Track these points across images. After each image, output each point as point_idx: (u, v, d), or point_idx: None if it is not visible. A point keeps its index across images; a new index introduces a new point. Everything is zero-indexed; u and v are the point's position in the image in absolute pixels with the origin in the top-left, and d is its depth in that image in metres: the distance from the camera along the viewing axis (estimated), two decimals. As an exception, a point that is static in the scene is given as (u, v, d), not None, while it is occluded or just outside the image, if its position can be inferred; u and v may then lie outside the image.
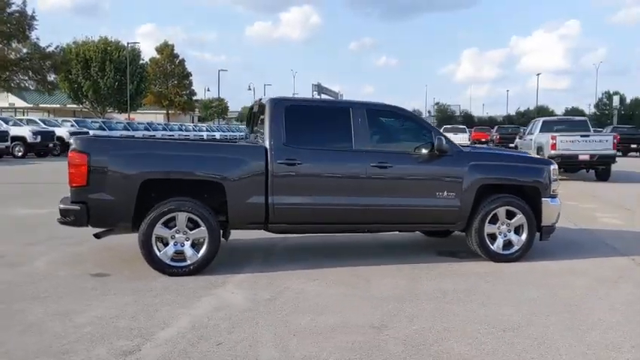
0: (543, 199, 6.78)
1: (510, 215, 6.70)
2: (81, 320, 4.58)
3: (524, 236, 6.73)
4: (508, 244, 6.74)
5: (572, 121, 19.95)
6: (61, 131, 27.43)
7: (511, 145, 27.09)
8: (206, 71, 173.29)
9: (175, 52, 62.43)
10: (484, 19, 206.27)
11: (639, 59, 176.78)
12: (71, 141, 5.82)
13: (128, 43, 51.33)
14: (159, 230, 5.82)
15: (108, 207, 5.77)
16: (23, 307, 4.89)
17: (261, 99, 6.85)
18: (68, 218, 5.76)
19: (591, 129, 19.53)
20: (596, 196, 13.88)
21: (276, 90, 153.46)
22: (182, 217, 5.85)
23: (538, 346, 4.18)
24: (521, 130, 25.32)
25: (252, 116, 7.29)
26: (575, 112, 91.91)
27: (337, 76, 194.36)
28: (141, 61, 54.45)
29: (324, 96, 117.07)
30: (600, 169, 17.42)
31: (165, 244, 5.88)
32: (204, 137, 38.55)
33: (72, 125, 30.89)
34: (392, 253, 7.11)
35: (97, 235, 6.27)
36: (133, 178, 5.74)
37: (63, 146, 25.32)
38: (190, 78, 63.68)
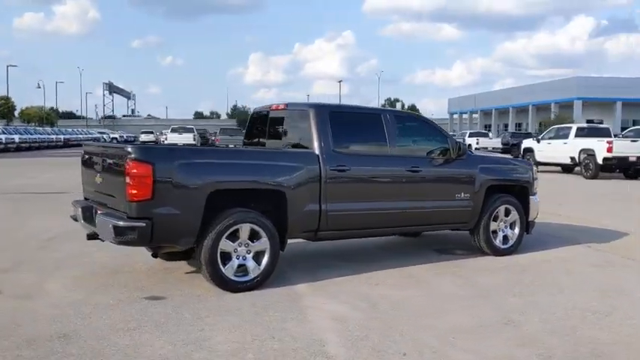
0: (530, 196, 7.59)
1: (507, 213, 7.39)
2: (225, 347, 4.18)
3: (516, 231, 7.48)
4: (504, 239, 7.42)
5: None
6: None
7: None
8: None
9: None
10: (269, 24, 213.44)
11: (407, 70, 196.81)
12: (128, 149, 5.15)
13: None
14: (224, 244, 5.44)
15: (174, 222, 5.23)
16: (127, 341, 4.27)
17: (287, 104, 6.65)
18: (129, 237, 5.09)
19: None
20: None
21: (66, 88, 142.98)
22: (246, 229, 5.53)
23: (649, 324, 4.82)
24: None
25: (266, 122, 7.01)
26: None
27: (125, 74, 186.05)
28: None
29: (116, 96, 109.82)
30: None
31: (226, 259, 5.50)
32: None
33: None
34: (400, 254, 7.37)
35: (156, 254, 5.63)
36: (201, 189, 5.28)
37: None
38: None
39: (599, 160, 20.11)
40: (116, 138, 67.93)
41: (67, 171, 20.93)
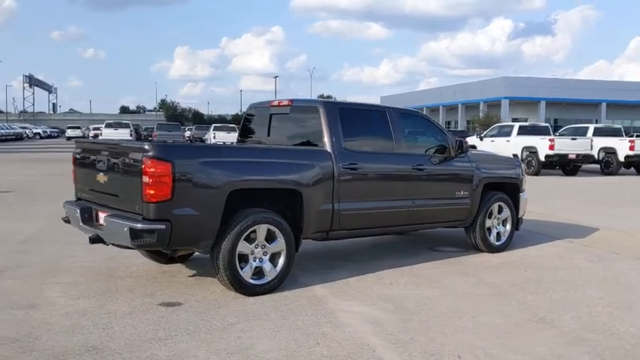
0: (520, 194, 7.71)
1: (500, 210, 7.47)
2: (273, 355, 3.97)
3: (508, 227, 7.58)
4: (497, 236, 7.50)
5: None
6: None
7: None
8: None
9: None
10: (195, 18, 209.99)
11: (336, 67, 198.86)
12: (146, 147, 4.81)
13: None
14: (242, 246, 5.20)
15: (193, 223, 4.94)
16: (165, 352, 3.98)
17: (293, 100, 6.43)
18: (147, 240, 4.76)
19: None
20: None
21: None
22: (263, 230, 5.31)
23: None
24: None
25: (267, 119, 6.74)
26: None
27: (46, 66, 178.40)
28: None
29: (37, 89, 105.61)
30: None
31: (241, 262, 5.26)
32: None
33: None
34: (396, 252, 7.31)
35: (173, 258, 5.31)
36: (221, 189, 5.01)
37: None
38: None
39: (542, 157, 20.87)
40: (39, 133, 65.04)
41: (1, 169, 19.78)
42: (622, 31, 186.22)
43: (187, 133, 46.06)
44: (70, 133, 58.89)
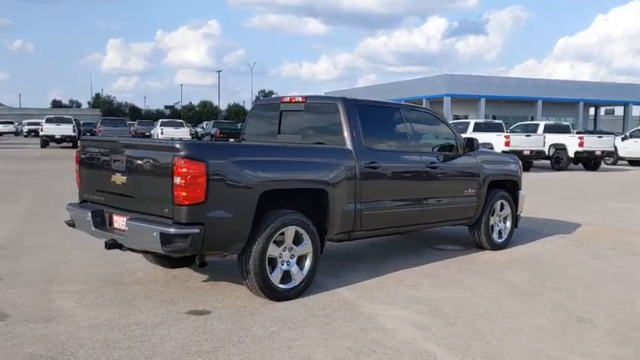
0: (519, 191, 7.76)
1: (502, 207, 7.49)
2: (335, 366, 3.77)
3: (508, 224, 7.61)
4: (499, 234, 7.51)
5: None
6: None
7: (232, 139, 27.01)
8: None
9: None
10: (128, 10, 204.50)
11: (275, 62, 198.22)
12: (177, 145, 4.49)
13: None
14: (271, 250, 4.96)
15: (226, 226, 4.66)
16: None
17: (307, 97, 6.19)
18: (179, 245, 4.44)
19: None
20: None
21: None
22: (291, 232, 5.09)
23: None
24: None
25: (276, 116, 6.46)
26: (237, 107, 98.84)
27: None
28: None
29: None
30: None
31: (270, 265, 5.02)
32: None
33: None
34: (402, 252, 7.20)
35: (203, 264, 4.99)
36: (254, 190, 4.75)
37: None
38: None
39: (498, 154, 21.26)
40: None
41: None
42: (550, 32, 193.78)
43: (132, 128, 44.69)
44: (1, 128, 56.29)
